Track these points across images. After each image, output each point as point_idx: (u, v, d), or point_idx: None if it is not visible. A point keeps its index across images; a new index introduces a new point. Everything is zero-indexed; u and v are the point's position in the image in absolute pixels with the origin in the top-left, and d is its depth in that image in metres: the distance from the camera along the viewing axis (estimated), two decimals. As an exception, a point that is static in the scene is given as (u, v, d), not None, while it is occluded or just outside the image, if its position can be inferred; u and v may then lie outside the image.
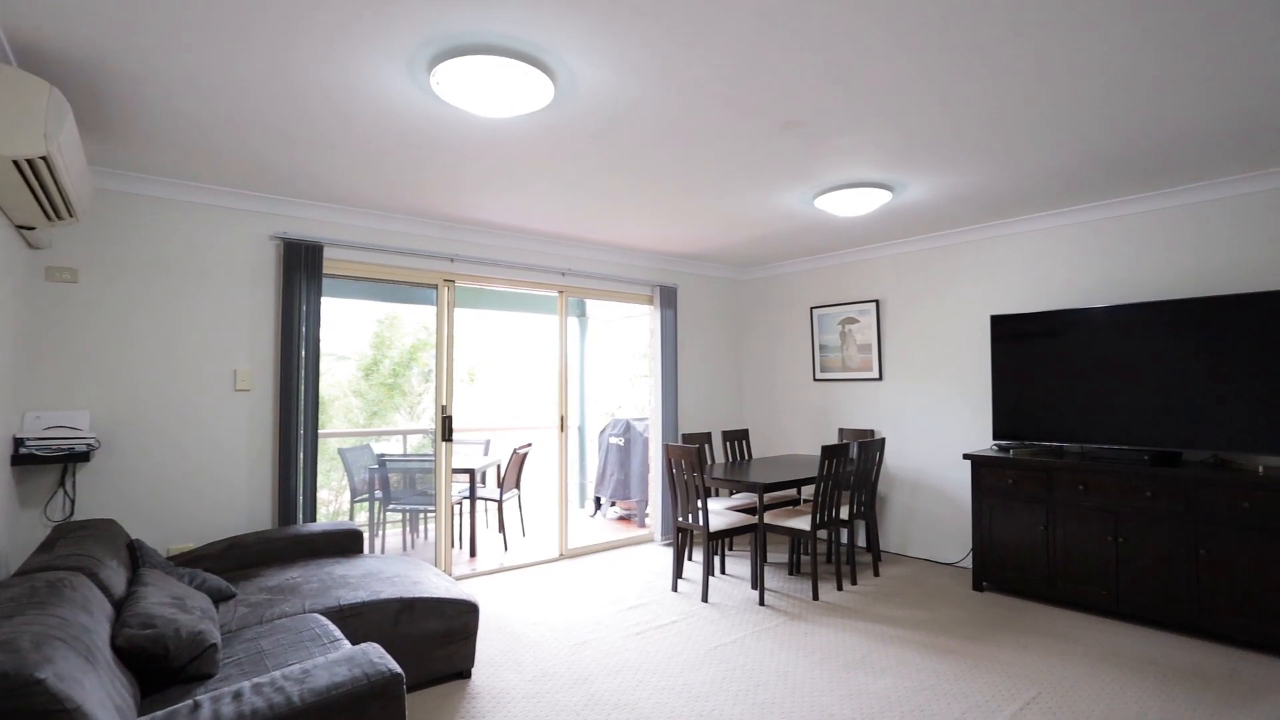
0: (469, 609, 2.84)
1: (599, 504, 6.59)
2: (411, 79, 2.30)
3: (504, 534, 5.32)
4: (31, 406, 3.08)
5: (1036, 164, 3.24)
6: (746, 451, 5.30)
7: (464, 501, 5.22)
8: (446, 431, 4.34)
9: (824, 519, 3.90)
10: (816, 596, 3.90)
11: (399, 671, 1.66)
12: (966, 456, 4.05)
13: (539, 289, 4.91)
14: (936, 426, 4.74)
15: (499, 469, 5.83)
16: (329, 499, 6.56)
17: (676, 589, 4.09)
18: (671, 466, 4.08)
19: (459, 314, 4.48)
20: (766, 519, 4.07)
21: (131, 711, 1.60)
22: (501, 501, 5.28)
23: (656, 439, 5.38)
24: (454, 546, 5.07)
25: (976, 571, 4.03)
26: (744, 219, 4.27)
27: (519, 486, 5.62)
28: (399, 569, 3.01)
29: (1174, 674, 2.86)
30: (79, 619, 1.65)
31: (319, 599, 2.60)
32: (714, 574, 4.43)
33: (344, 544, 3.35)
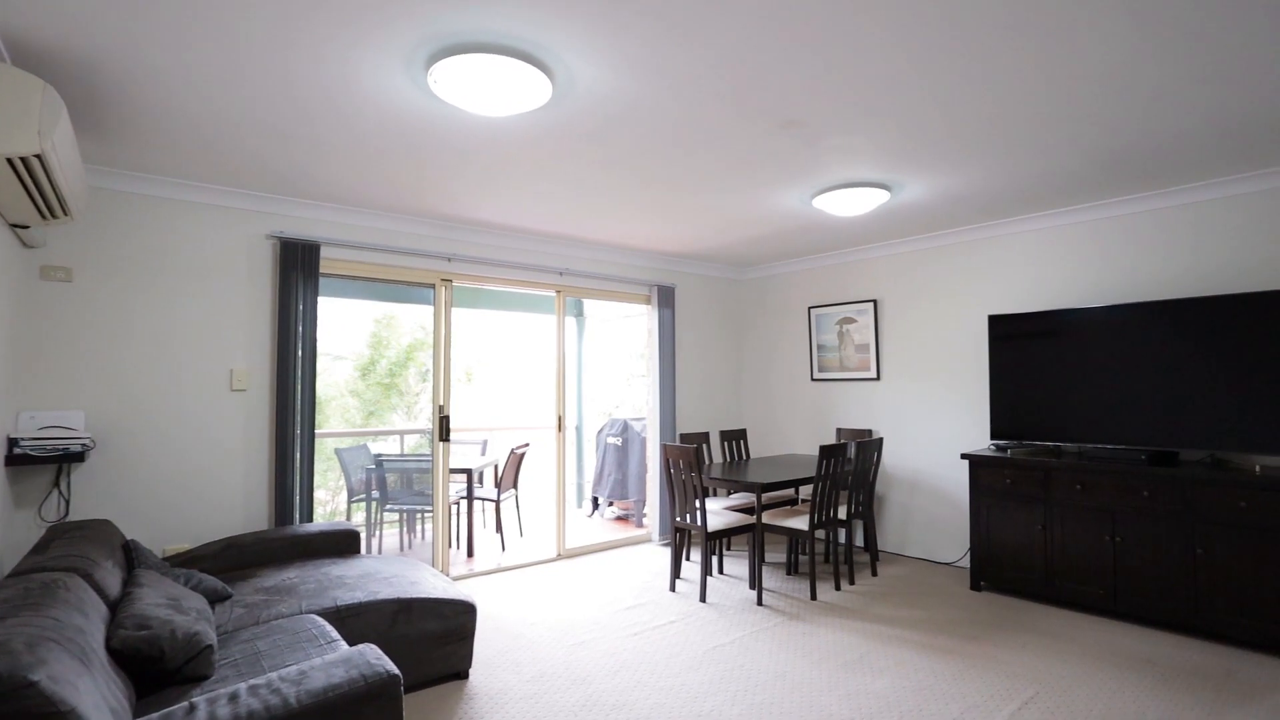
0: (466, 609, 2.83)
1: (596, 504, 6.58)
2: (409, 77, 2.29)
3: (501, 534, 5.32)
4: (26, 406, 3.06)
5: (1034, 164, 3.24)
6: (744, 451, 5.30)
7: (461, 502, 5.21)
8: (444, 431, 4.32)
9: (822, 519, 3.90)
10: (814, 596, 3.90)
11: (396, 673, 1.66)
12: (964, 456, 4.05)
13: (536, 289, 4.90)
14: (934, 426, 4.74)
15: (496, 469, 5.82)
16: (326, 499, 6.54)
17: (674, 589, 4.09)
18: (669, 466, 4.08)
19: (456, 314, 4.47)
20: (764, 519, 4.07)
21: (126, 714, 1.59)
22: (499, 501, 5.27)
23: (654, 439, 5.37)
24: (451, 547, 5.06)
25: (974, 571, 4.03)
26: (742, 218, 4.26)
27: (516, 486, 5.61)
28: (396, 569, 3.00)
29: (1172, 673, 2.86)
30: (73, 620, 1.64)
31: (316, 600, 2.59)
32: (712, 574, 4.43)
33: (341, 544, 3.34)
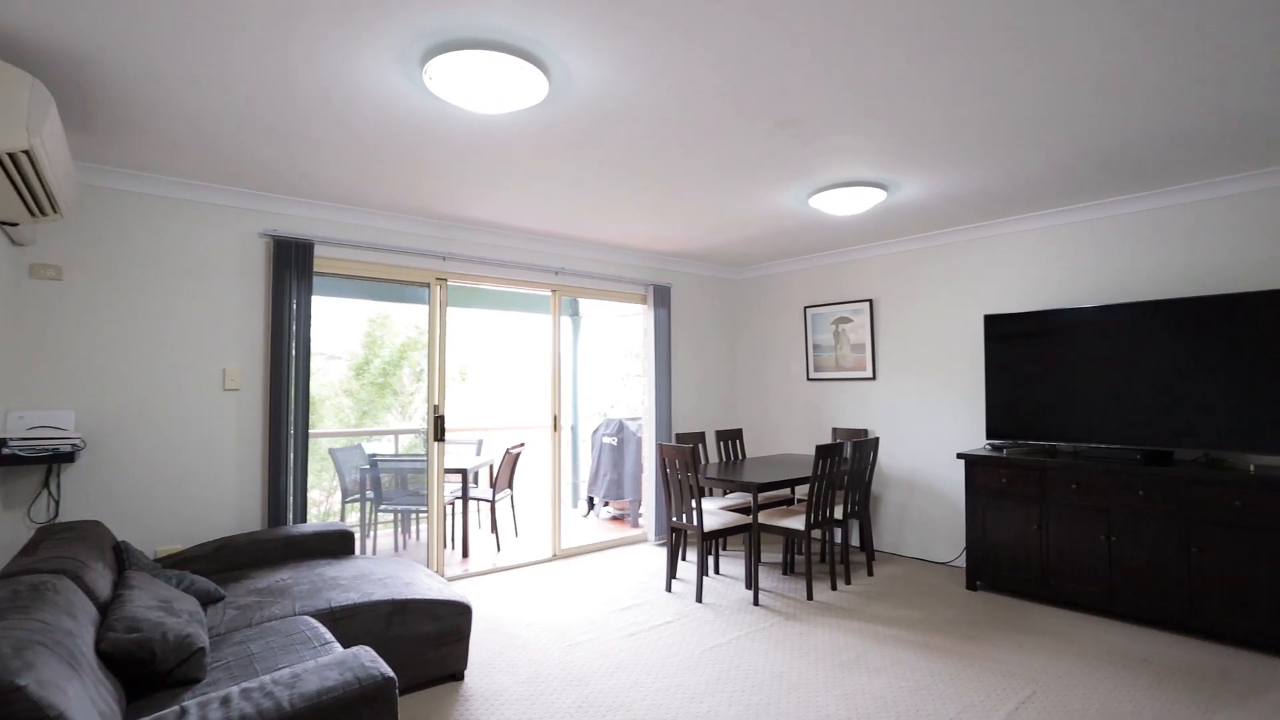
0: (462, 610, 2.81)
1: (592, 504, 6.57)
2: (404, 74, 2.27)
3: (497, 534, 5.29)
4: (14, 406, 3.02)
5: (1032, 163, 3.24)
6: (740, 451, 5.29)
7: (456, 502, 5.18)
8: (439, 431, 4.30)
9: (818, 518, 3.89)
10: (811, 596, 3.90)
11: (391, 675, 1.64)
12: (960, 456, 4.05)
13: (532, 288, 4.88)
14: (930, 426, 4.74)
15: (492, 469, 5.79)
16: (320, 499, 6.51)
17: (670, 589, 4.08)
18: (665, 466, 4.06)
19: (451, 313, 4.45)
20: (761, 519, 4.06)
21: (116, 717, 1.57)
22: (494, 502, 5.24)
23: (650, 438, 5.36)
24: (446, 547, 5.03)
25: (970, 571, 4.04)
26: (738, 218, 4.26)
27: (512, 486, 5.59)
28: (391, 570, 2.98)
29: (1168, 672, 2.87)
30: (62, 623, 1.61)
31: (309, 601, 2.56)
32: (708, 574, 4.42)
33: (335, 545, 3.32)
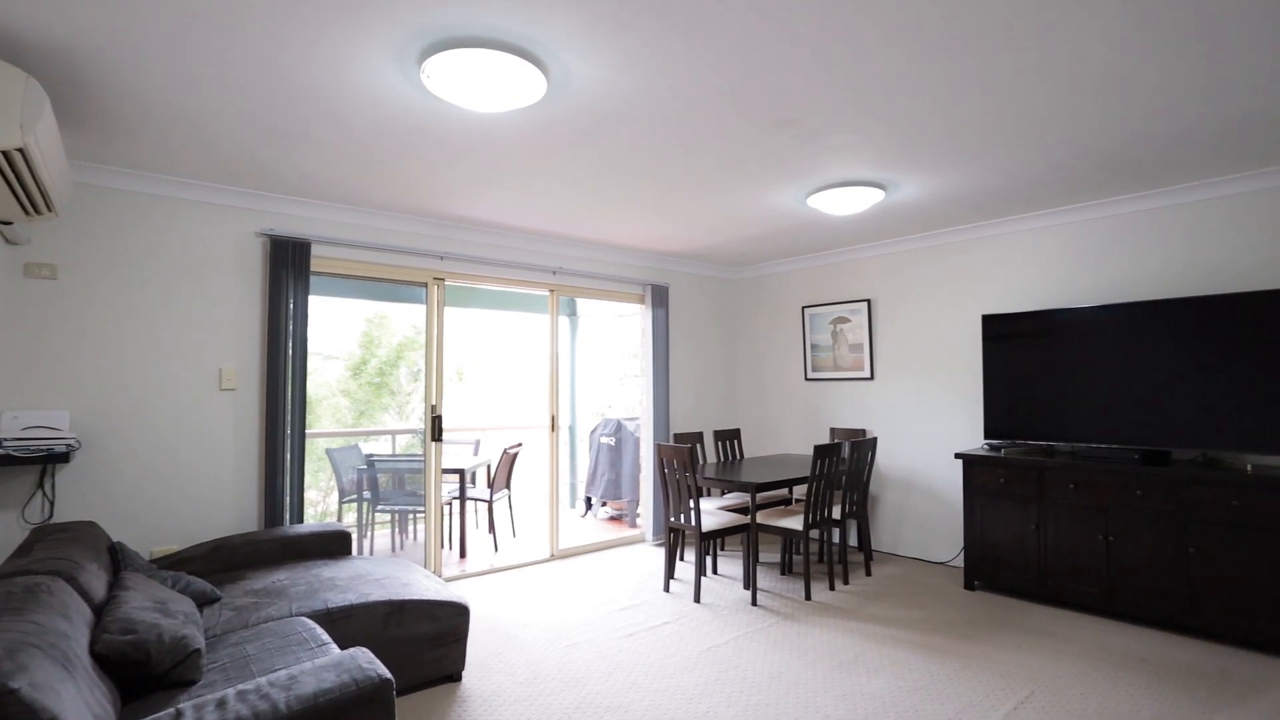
0: (459, 611, 2.80)
1: (590, 504, 6.56)
2: (401, 72, 2.26)
3: (494, 535, 5.28)
4: (9, 406, 3.00)
5: (1030, 163, 3.24)
6: (738, 451, 5.29)
7: (454, 502, 5.16)
8: (436, 431, 4.29)
9: (816, 519, 3.89)
10: (809, 596, 3.89)
11: (389, 677, 1.63)
12: (958, 456, 4.05)
13: (530, 287, 4.86)
14: (928, 426, 4.74)
15: (489, 469, 5.78)
16: (317, 499, 6.48)
17: (668, 589, 4.07)
18: (663, 466, 4.05)
19: (448, 313, 4.44)
20: (759, 519, 4.06)
21: (111, 720, 1.56)
22: (492, 502, 5.23)
23: (648, 438, 5.35)
24: (444, 547, 5.02)
25: (968, 570, 4.04)
26: (737, 217, 4.25)
27: (509, 487, 5.57)
28: (388, 571, 2.97)
29: (1166, 672, 2.87)
30: (56, 625, 1.60)
31: (306, 602, 2.55)
32: (706, 574, 4.41)
33: (332, 545, 3.30)
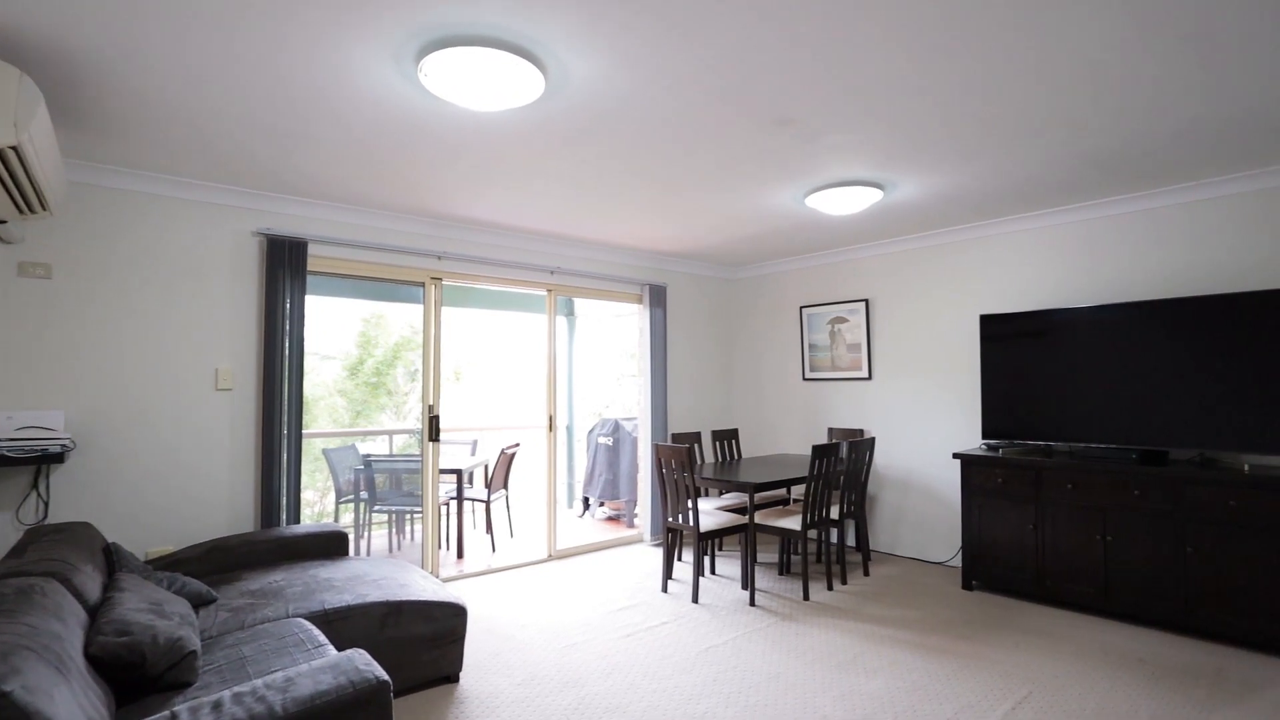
0: (457, 612, 2.79)
1: (587, 504, 6.54)
2: (399, 70, 2.25)
3: (492, 535, 5.27)
4: (3, 406, 2.98)
5: (1029, 163, 3.24)
6: (736, 451, 5.28)
7: (451, 502, 5.15)
8: (433, 431, 4.27)
9: (814, 519, 3.89)
10: (807, 596, 3.89)
11: (386, 679, 1.62)
12: (956, 456, 4.05)
13: (528, 287, 4.85)
14: (926, 426, 4.74)
15: (486, 469, 5.76)
16: (314, 500, 6.47)
17: (666, 590, 4.06)
18: (661, 466, 4.05)
19: (446, 312, 4.42)
20: (757, 519, 4.05)
21: (105, 723, 1.54)
22: (489, 502, 5.22)
23: (645, 438, 5.34)
24: (441, 548, 5.01)
25: (966, 570, 4.04)
26: (735, 217, 4.25)
27: (507, 487, 5.56)
28: (385, 571, 2.95)
29: (1163, 672, 2.87)
30: (50, 627, 1.59)
31: (303, 603, 2.54)
32: (704, 574, 4.41)
33: (329, 546, 3.29)
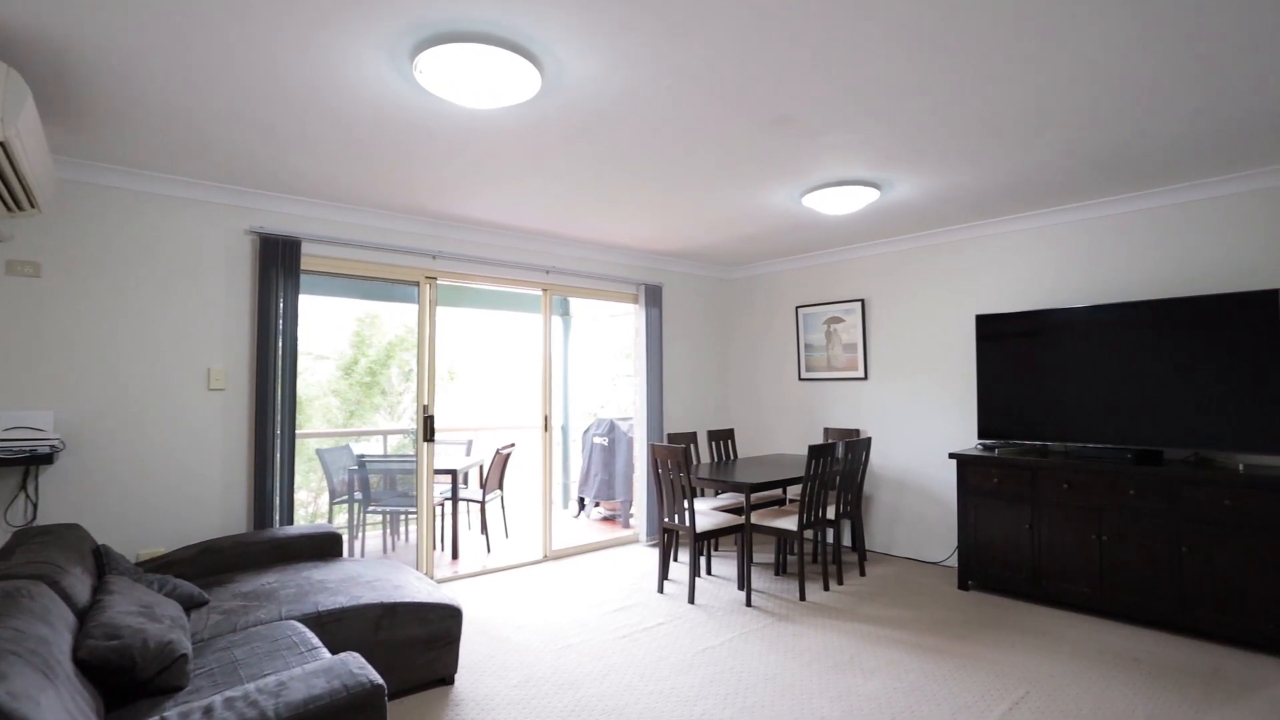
0: (452, 613, 2.77)
1: (583, 505, 6.53)
2: (394, 67, 2.23)
3: (487, 536, 5.24)
4: (-9, 406, 2.95)
5: (1025, 163, 3.24)
6: (732, 451, 5.27)
7: (446, 503, 5.12)
8: (428, 431, 4.25)
9: (810, 519, 3.88)
10: (803, 597, 3.88)
11: (380, 683, 1.60)
12: (952, 456, 4.05)
13: (523, 287, 4.83)
14: (922, 426, 4.74)
15: (481, 469, 5.74)
16: (307, 500, 6.41)
17: (662, 590, 4.05)
18: (657, 466, 4.03)
19: (441, 312, 4.40)
20: (753, 519, 4.04)
21: (94, 728, 1.52)
22: (484, 503, 5.19)
23: (641, 439, 5.33)
24: (436, 549, 4.97)
25: (962, 570, 4.04)
26: (731, 216, 4.23)
27: (502, 487, 5.54)
28: (379, 573, 2.93)
29: (1159, 671, 2.88)
30: (37, 630, 1.56)
31: (296, 605, 2.51)
32: (700, 575, 4.39)
33: (322, 547, 3.26)
